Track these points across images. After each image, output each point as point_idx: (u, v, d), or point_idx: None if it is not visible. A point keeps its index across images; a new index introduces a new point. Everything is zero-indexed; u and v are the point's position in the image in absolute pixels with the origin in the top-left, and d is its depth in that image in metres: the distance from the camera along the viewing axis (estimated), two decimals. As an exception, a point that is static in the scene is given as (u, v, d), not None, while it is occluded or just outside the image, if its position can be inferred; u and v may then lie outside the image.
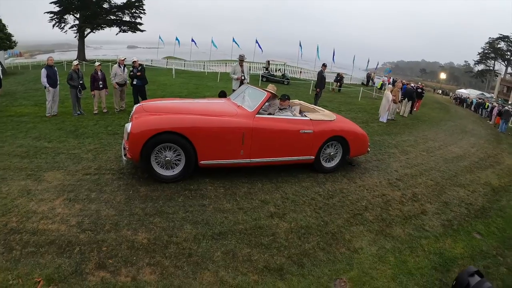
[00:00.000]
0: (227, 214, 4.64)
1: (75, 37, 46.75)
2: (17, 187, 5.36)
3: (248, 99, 6.31)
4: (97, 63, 11.09)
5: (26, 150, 7.06)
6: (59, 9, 44.82)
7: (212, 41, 42.05)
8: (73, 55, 50.74)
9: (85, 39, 47.01)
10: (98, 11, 45.25)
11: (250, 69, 17.18)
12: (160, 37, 47.15)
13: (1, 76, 13.60)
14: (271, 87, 6.94)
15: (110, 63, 25.00)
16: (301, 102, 7.63)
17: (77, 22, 45.99)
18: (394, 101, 14.64)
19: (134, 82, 10.90)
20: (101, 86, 10.78)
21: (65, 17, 46.35)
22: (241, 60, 10.44)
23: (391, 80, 32.64)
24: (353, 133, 6.65)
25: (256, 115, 5.74)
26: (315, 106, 7.47)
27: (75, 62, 10.95)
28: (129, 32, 48.44)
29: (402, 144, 10.22)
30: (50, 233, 4.14)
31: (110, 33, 48.50)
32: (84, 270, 3.51)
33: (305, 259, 3.95)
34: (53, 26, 46.57)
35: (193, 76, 26.60)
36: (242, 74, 10.31)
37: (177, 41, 43.69)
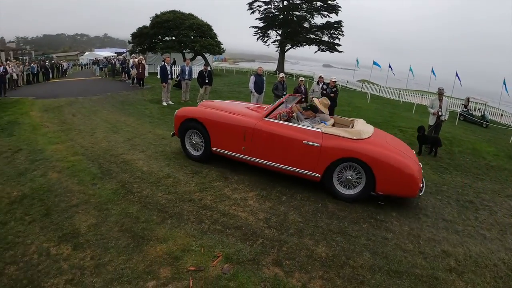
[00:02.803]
0: (406, 254, 4.49)
1: (276, 51, 52.31)
2: (215, 171, 6.52)
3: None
4: (301, 78, 12.20)
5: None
6: (263, 24, 51.68)
7: (410, 69, 40.59)
8: (271, 66, 56.57)
9: (285, 53, 51.78)
10: (299, 30, 49.58)
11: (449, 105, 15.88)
12: (357, 60, 48.11)
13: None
14: (322, 100, 7.36)
15: (307, 79, 26.95)
16: (341, 117, 7.67)
17: (279, 37, 51.58)
18: None
19: None
20: (302, 100, 11.71)
21: (268, 32, 52.81)
22: (440, 93, 9.90)
23: None
24: (382, 161, 5.53)
25: (266, 118, 6.27)
26: (356, 120, 7.10)
27: (282, 75, 12.47)
28: (327, 52, 50.95)
29: None
30: (238, 219, 4.82)
31: (308, 50, 52.22)
32: (261, 262, 3.92)
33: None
34: (257, 39, 53.78)
35: (388, 104, 26.16)
36: (440, 109, 9.77)
37: (376, 65, 43.75)
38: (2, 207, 4.93)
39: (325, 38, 50.32)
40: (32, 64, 26.82)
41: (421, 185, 5.63)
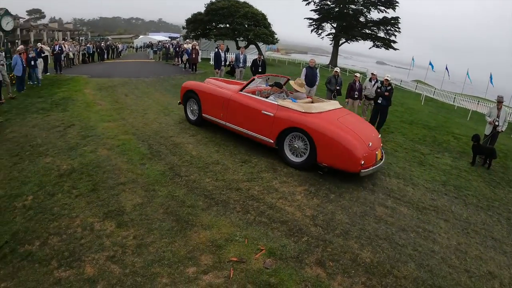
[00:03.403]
0: (452, 270, 4.24)
1: (330, 44, 51.58)
2: (265, 162, 6.49)
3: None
4: (356, 74, 11.80)
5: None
6: (318, 17, 51.05)
7: (468, 74, 38.54)
8: (324, 59, 55.94)
9: (339, 47, 50.91)
10: (354, 24, 48.61)
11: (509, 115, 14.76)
12: (413, 59, 46.39)
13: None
14: (297, 80, 7.87)
15: (361, 75, 26.22)
16: (319, 98, 8.34)
17: (333, 31, 50.83)
18: None
19: (379, 101, 10.78)
20: (356, 96, 11.42)
21: (323, 24, 52.18)
22: (500, 101, 9.26)
23: None
24: (322, 134, 6.10)
25: (240, 92, 7.39)
26: (324, 100, 8.08)
27: (337, 69, 12.14)
28: (382, 48, 49.60)
29: None
30: (285, 214, 4.71)
31: (362, 46, 51.20)
32: (305, 260, 3.81)
33: None
34: (311, 31, 53.25)
35: (442, 107, 24.98)
36: (497, 119, 9.14)
37: (431, 66, 42.05)
38: (51, 178, 5.14)
39: (381, 34, 48.98)
40: (88, 45, 27.96)
41: (362, 162, 5.81)
